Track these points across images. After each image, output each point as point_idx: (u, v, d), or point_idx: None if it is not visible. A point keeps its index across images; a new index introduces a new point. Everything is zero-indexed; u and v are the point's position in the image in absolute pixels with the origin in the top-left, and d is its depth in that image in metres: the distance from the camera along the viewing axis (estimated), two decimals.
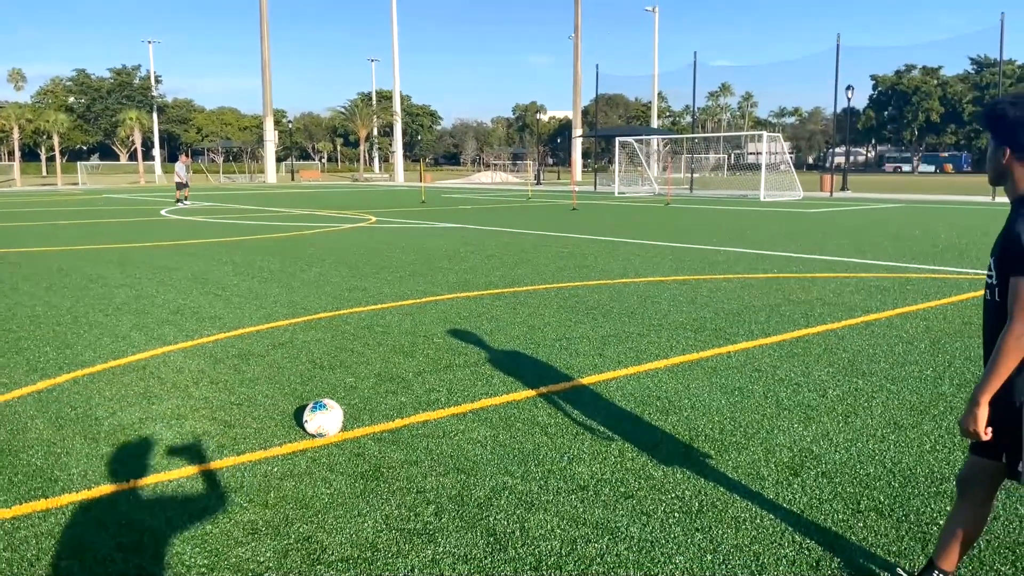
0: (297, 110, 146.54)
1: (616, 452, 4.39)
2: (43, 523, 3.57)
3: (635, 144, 43.19)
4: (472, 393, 5.46)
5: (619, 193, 39.49)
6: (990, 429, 2.52)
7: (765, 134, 39.24)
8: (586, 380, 5.77)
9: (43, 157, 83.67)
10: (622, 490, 3.90)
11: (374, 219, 22.19)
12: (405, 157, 75.06)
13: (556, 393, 5.46)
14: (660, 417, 4.97)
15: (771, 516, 3.62)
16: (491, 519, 3.60)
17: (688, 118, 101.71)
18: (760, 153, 40.96)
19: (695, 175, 47.10)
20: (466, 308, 8.52)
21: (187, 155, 36.08)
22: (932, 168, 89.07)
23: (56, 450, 4.44)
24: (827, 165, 69.17)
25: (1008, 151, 2.54)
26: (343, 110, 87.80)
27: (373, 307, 8.63)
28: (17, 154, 66.27)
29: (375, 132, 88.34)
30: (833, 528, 3.50)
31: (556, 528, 3.51)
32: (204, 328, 7.60)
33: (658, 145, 53.76)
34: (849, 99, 40.71)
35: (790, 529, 3.49)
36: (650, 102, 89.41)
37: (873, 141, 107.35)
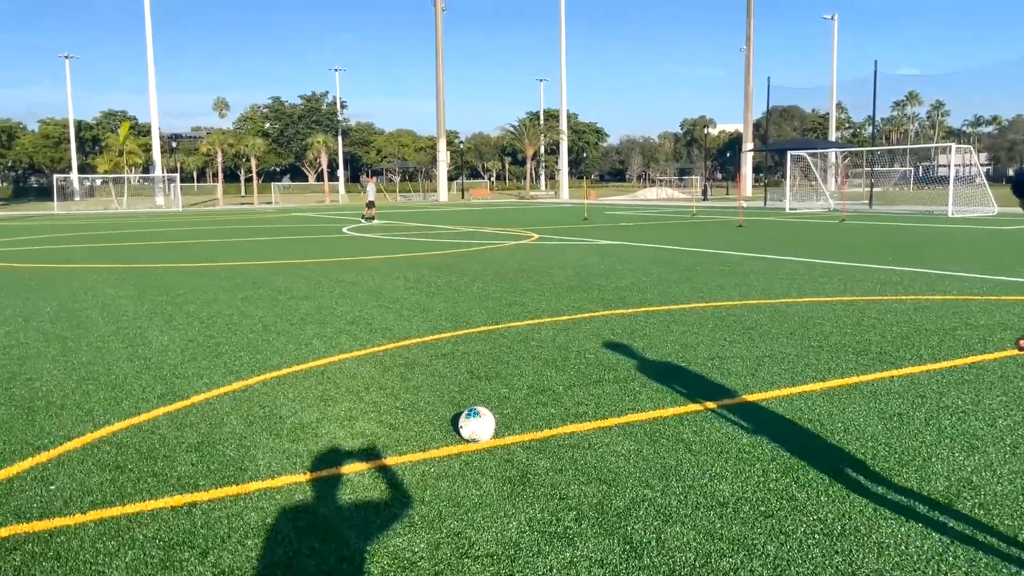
0: (469, 130, 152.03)
1: (760, 472, 4.41)
2: (234, 506, 4.09)
3: (809, 158, 41.47)
4: (619, 408, 5.61)
5: (790, 209, 38.04)
6: None
7: (953, 145, 36.50)
8: (736, 400, 5.77)
9: (242, 178, 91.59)
10: (762, 509, 3.93)
11: (536, 236, 22.72)
12: (570, 174, 75.94)
13: (703, 412, 5.51)
14: (810, 440, 4.91)
15: (918, 544, 3.53)
16: (629, 528, 3.75)
17: (869, 129, 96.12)
18: (950, 165, 38.13)
19: (876, 190, 44.49)
20: (619, 325, 8.66)
21: (369, 175, 38.81)
22: None
23: (246, 443, 5.02)
24: None
25: None
26: (512, 129, 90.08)
27: (529, 322, 8.96)
28: (220, 176, 73.04)
29: (542, 150, 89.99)
30: (984, 559, 3.38)
31: (692, 541, 3.61)
32: (376, 338, 8.20)
33: (835, 158, 51.31)
34: None
35: (936, 558, 3.40)
36: (827, 114, 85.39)
37: None
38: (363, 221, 31.97)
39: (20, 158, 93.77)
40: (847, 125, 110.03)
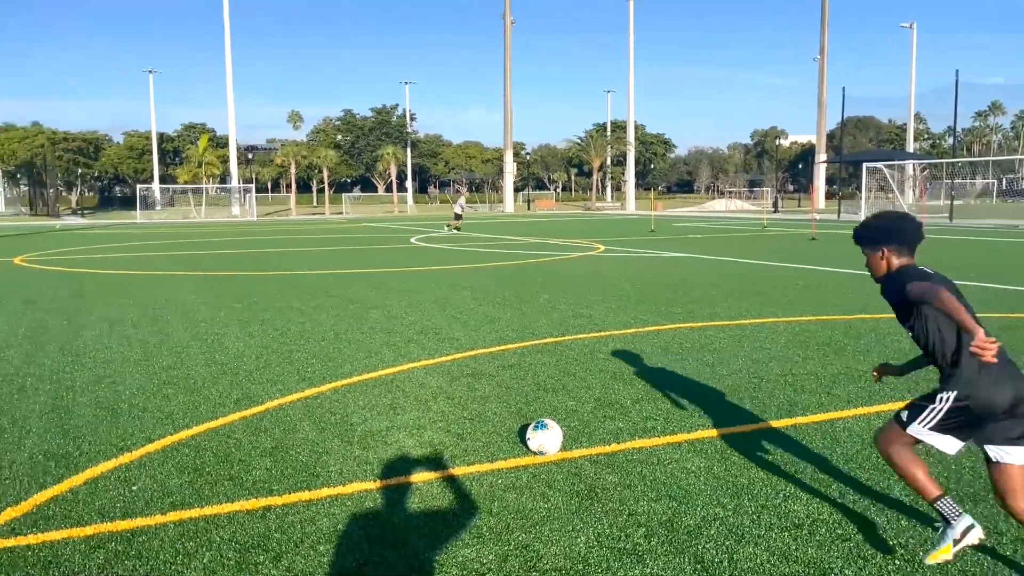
0: (535, 142, 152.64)
1: (836, 493, 4.28)
2: (306, 511, 4.17)
3: (886, 170, 40.30)
4: (689, 423, 5.53)
5: None
6: None
7: None
8: (810, 418, 5.63)
9: (314, 189, 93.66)
10: (839, 532, 3.82)
11: (602, 248, 22.62)
12: (637, 185, 75.47)
13: (776, 429, 5.39)
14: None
15: (1006, 572, 3.38)
16: (700, 547, 3.68)
17: (949, 141, 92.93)
18: None
19: (956, 203, 42.94)
20: (688, 339, 8.55)
21: (460, 190, 40.87)
22: None
23: (318, 449, 5.12)
24: None
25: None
26: (578, 141, 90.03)
27: (596, 334, 8.91)
28: (293, 186, 74.91)
29: (608, 161, 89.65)
30: None
31: (765, 562, 3.53)
32: (443, 348, 8.28)
33: (913, 170, 49.77)
34: None
35: None
36: (904, 124, 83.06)
37: None
38: (446, 231, 33.17)
39: (106, 169, 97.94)
40: (926, 136, 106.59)
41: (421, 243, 26.32)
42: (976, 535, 3.23)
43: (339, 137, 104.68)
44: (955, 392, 3.35)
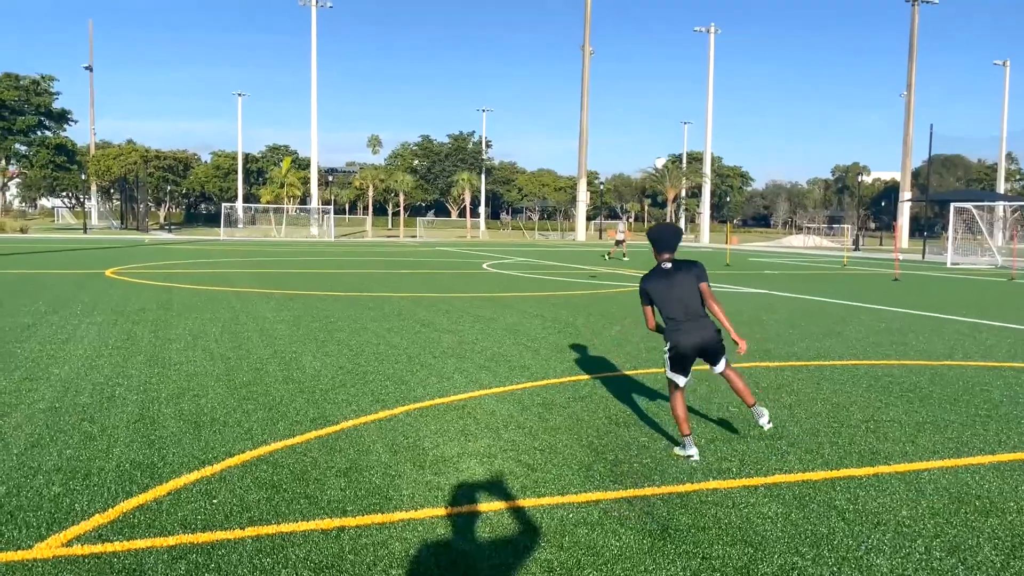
0: (609, 171, 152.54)
1: (922, 548, 4.11)
2: (379, 534, 4.21)
3: (974, 210, 38.85)
4: (765, 467, 5.40)
5: (952, 264, 35.66)
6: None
7: None
8: (893, 468, 5.43)
9: (389, 211, 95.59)
10: None
11: None
12: (712, 218, 74.52)
13: (858, 478, 5.21)
14: (979, 518, 4.54)
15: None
16: None
17: None
18: None
19: None
20: (765, 378, 8.36)
21: (621, 216, 42.00)
22: None
23: (391, 472, 5.17)
24: None
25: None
26: (653, 172, 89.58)
27: None
28: (370, 209, 76.52)
29: (683, 193, 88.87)
30: None
31: None
32: (515, 376, 8.29)
33: (1004, 212, 47.83)
34: None
35: None
36: (995, 164, 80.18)
37: None
38: (608, 258, 34.01)
39: (193, 186, 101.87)
40: (1018, 176, 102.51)
41: (494, 269, 26.50)
42: (694, 456, 5.51)
43: (416, 162, 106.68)
44: (667, 344, 5.74)
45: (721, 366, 5.82)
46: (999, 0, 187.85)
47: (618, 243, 36.13)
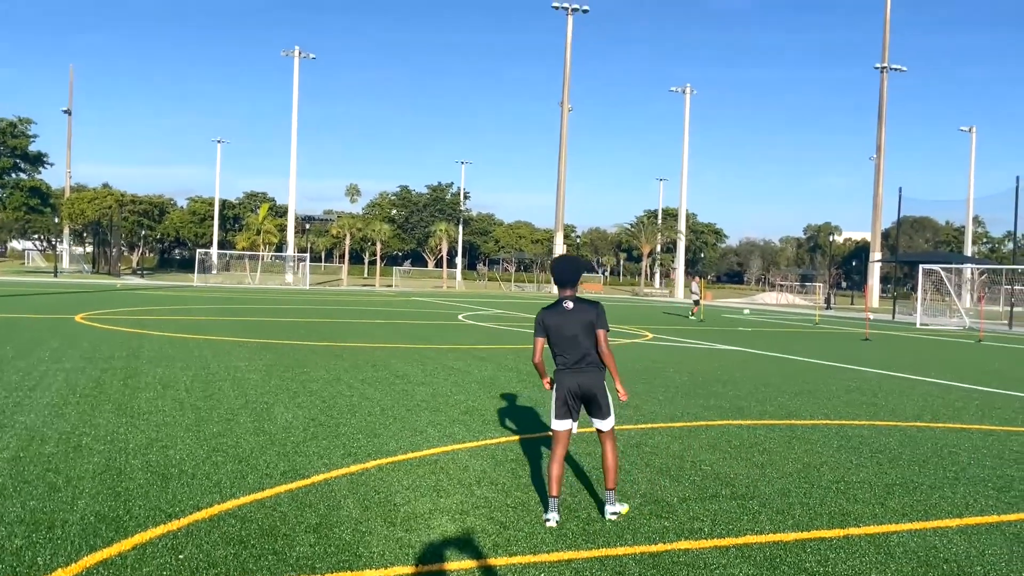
0: (585, 225, 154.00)
1: None
2: None
3: (943, 272, 39.65)
4: (737, 527, 5.41)
5: (921, 324, 36.21)
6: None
7: None
8: (863, 530, 5.46)
9: (366, 260, 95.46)
10: None
11: (650, 335, 22.50)
12: (686, 273, 75.26)
13: (828, 539, 5.23)
14: None
15: None
16: None
17: (1010, 245, 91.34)
18: None
19: (1017, 309, 41.89)
20: (737, 436, 8.40)
21: (693, 275, 38.56)
22: None
23: (361, 528, 5.12)
24: None
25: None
26: (629, 226, 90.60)
27: (643, 426, 8.82)
28: (346, 257, 76.46)
29: (658, 248, 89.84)
30: None
31: None
32: (488, 430, 8.26)
33: (972, 274, 48.85)
34: None
35: None
36: (962, 226, 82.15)
37: None
38: (692, 317, 32.81)
39: (168, 231, 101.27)
40: (985, 240, 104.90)
41: (469, 320, 26.50)
42: (551, 522, 5.28)
43: (394, 211, 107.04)
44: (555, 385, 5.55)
45: (607, 424, 5.56)
46: (965, 70, 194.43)
47: (696, 302, 33.90)
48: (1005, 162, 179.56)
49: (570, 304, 5.49)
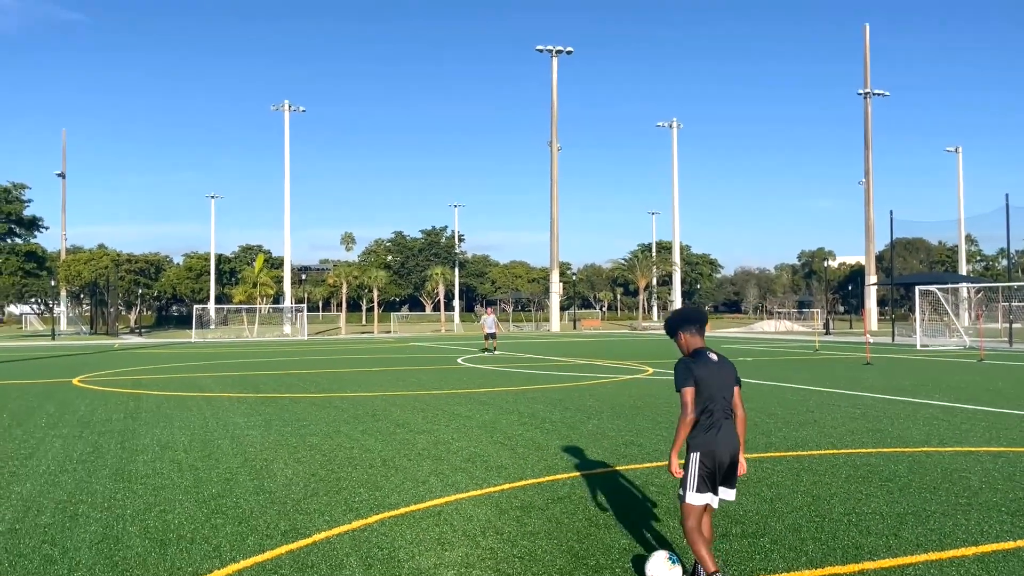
0: (581, 261, 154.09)
1: None
2: None
3: (939, 292, 39.67)
4: (749, 567, 5.29)
5: (921, 346, 36.12)
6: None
7: None
8: (878, 564, 5.34)
9: (363, 307, 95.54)
10: None
11: (651, 370, 22.38)
12: (684, 305, 75.39)
13: (842, 575, 5.11)
14: None
15: None
16: None
17: (1003, 262, 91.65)
18: None
19: (1015, 326, 41.86)
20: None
21: (491, 309, 38.23)
22: None
23: None
24: None
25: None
26: (623, 262, 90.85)
27: (649, 464, 8.70)
28: (344, 306, 76.41)
29: (654, 281, 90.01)
30: None
31: None
32: (491, 477, 8.14)
33: (968, 293, 48.92)
34: None
35: None
36: (956, 246, 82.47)
37: None
38: (487, 353, 31.72)
39: (165, 288, 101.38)
40: (978, 258, 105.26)
41: (468, 363, 26.37)
42: None
43: (389, 258, 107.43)
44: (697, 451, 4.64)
45: (731, 494, 4.81)
46: (946, 93, 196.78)
47: (488, 336, 33.03)
48: (994, 179, 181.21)
49: (714, 355, 4.79)
